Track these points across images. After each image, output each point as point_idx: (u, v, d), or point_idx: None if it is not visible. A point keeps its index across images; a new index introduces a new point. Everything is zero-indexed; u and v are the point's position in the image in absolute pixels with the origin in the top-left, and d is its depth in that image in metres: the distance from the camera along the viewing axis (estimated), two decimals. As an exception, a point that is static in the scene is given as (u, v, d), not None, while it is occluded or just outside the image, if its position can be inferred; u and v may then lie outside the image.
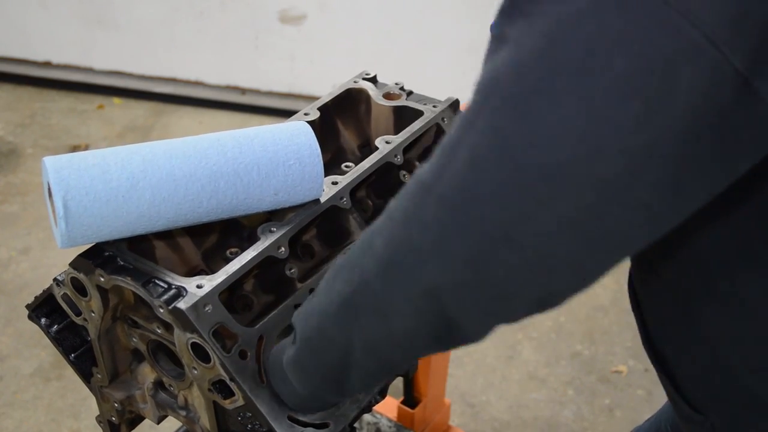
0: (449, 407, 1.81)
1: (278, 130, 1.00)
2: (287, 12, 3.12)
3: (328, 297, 0.78)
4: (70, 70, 3.44)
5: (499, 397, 2.17)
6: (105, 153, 0.91)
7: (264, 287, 1.04)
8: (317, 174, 1.00)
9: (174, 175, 0.92)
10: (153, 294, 0.89)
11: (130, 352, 1.07)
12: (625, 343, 2.32)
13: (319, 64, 3.19)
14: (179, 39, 3.27)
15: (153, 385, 1.07)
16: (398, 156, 1.13)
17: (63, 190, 0.86)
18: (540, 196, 0.59)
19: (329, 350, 0.79)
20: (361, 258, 0.72)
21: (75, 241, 0.90)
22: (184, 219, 0.95)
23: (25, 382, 2.17)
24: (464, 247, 0.63)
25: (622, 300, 2.43)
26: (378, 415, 1.71)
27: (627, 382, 2.21)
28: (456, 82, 2.97)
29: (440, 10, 2.93)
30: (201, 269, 1.08)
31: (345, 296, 0.75)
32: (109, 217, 0.89)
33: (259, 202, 0.98)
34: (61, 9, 3.29)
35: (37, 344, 2.26)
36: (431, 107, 1.22)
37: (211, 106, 3.39)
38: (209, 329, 0.88)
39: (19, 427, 2.06)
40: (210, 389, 0.93)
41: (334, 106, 1.26)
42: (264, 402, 0.90)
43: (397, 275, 0.68)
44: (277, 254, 0.97)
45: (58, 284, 1.01)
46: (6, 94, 3.46)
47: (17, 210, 2.80)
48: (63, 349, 1.11)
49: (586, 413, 2.13)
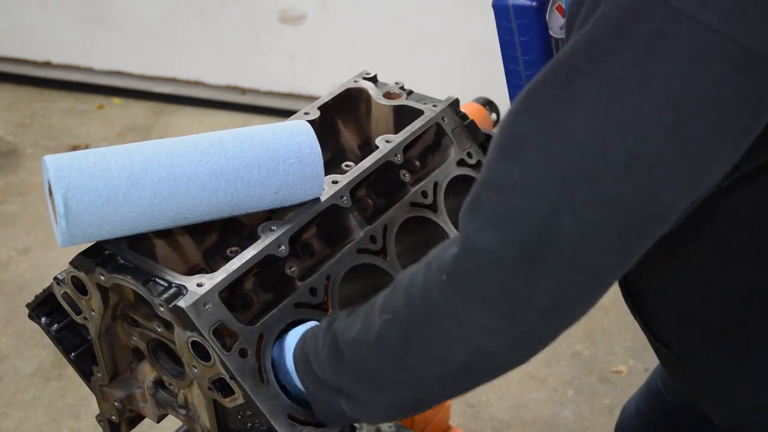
0: (449, 407, 1.80)
1: (279, 129, 1.00)
2: (287, 12, 3.12)
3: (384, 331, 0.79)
4: (70, 70, 3.44)
5: (499, 397, 2.17)
6: (105, 152, 0.91)
7: (264, 286, 1.04)
8: (317, 173, 1.00)
9: (174, 174, 0.92)
10: (153, 292, 0.89)
11: (131, 350, 1.07)
12: (625, 343, 2.32)
13: (319, 64, 3.19)
14: (179, 39, 3.27)
15: (153, 383, 1.07)
16: (398, 155, 1.13)
17: (64, 189, 0.86)
18: (650, 238, 0.69)
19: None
20: (459, 334, 0.73)
21: (75, 240, 0.90)
22: (184, 217, 0.95)
23: (25, 382, 2.17)
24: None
25: (622, 300, 2.42)
26: (378, 415, 1.71)
27: (627, 382, 2.21)
28: (456, 82, 2.98)
29: (440, 10, 2.93)
30: (201, 268, 1.08)
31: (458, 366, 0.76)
32: (109, 215, 0.89)
33: (260, 201, 0.98)
34: (61, 9, 3.29)
35: (37, 344, 2.26)
36: (431, 107, 1.22)
37: (211, 106, 3.39)
38: (209, 328, 0.88)
39: (19, 427, 2.06)
40: (210, 388, 0.93)
41: (334, 106, 1.26)
42: (264, 400, 0.90)
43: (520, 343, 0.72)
44: (277, 253, 0.97)
45: (59, 283, 1.01)
46: (6, 94, 3.46)
47: (17, 210, 2.80)
48: (63, 348, 1.11)
49: (586, 413, 2.13)
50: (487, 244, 0.68)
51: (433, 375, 0.76)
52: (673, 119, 0.62)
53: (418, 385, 0.78)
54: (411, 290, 0.75)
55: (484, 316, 0.70)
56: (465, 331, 0.72)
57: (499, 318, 0.69)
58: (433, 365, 0.75)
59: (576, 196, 0.65)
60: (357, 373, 0.81)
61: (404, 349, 0.76)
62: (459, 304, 0.71)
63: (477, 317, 0.70)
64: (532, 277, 0.67)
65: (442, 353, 0.74)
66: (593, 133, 0.64)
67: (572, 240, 0.65)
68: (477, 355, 0.72)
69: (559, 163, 0.65)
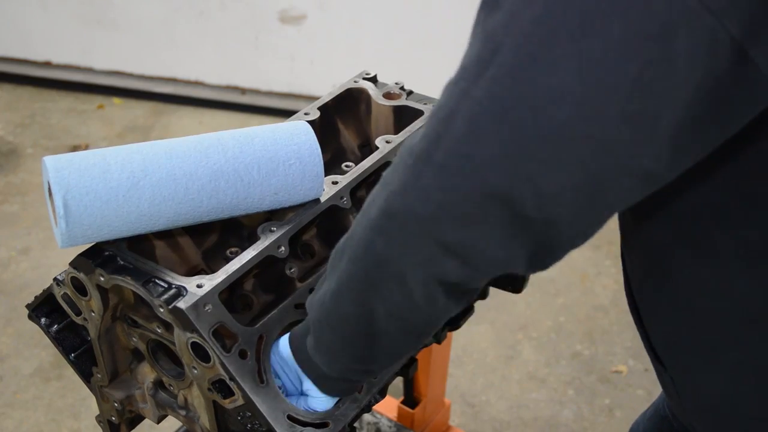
0: (449, 407, 1.81)
1: (279, 130, 1.00)
2: (287, 12, 3.12)
3: (338, 277, 0.80)
4: (70, 70, 3.44)
5: (499, 397, 2.17)
6: (105, 152, 0.91)
7: (264, 287, 1.04)
8: (317, 174, 1.00)
9: (174, 175, 0.92)
10: (153, 293, 0.89)
11: (130, 351, 1.07)
12: (625, 343, 2.32)
13: (319, 64, 3.19)
14: (179, 39, 3.27)
15: (153, 384, 1.07)
16: (398, 156, 1.13)
17: (63, 190, 0.86)
18: (540, 158, 0.61)
19: (351, 325, 0.81)
20: (364, 232, 0.74)
21: (75, 241, 0.90)
22: (184, 218, 0.95)
23: (25, 382, 2.17)
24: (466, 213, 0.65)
25: (622, 300, 2.43)
26: (378, 415, 1.71)
27: (627, 382, 2.21)
28: (456, 82, 2.97)
29: (440, 10, 2.93)
30: (201, 269, 1.08)
31: (355, 271, 0.77)
32: (109, 216, 0.89)
33: (260, 202, 0.98)
34: (61, 9, 3.29)
35: (37, 344, 2.26)
36: (431, 107, 1.22)
37: (211, 106, 3.39)
38: (209, 329, 0.88)
39: (19, 427, 2.06)
40: (210, 389, 0.93)
41: (334, 106, 1.26)
42: (263, 401, 0.90)
43: (403, 244, 0.70)
44: (277, 254, 0.97)
45: (58, 284, 1.01)
46: (6, 94, 3.46)
47: (17, 210, 2.80)
48: (63, 349, 1.11)
49: (586, 413, 2.13)
50: (414, 140, 0.69)
51: (347, 281, 0.78)
52: (576, 24, 0.57)
53: (338, 296, 0.80)
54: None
55: (380, 211, 0.71)
56: (367, 227, 0.73)
57: (388, 216, 0.70)
58: (347, 269, 0.78)
59: (473, 96, 0.63)
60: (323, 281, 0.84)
61: (342, 248, 0.79)
62: (375, 195, 0.74)
63: (376, 211, 0.72)
64: (420, 177, 0.67)
65: (354, 251, 0.76)
66: (503, 34, 0.61)
67: (459, 142, 0.64)
68: (374, 260, 0.74)
69: (471, 63, 0.63)
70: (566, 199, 0.63)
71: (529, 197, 0.63)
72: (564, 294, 2.46)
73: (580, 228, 0.67)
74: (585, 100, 0.59)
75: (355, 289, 0.78)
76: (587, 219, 0.66)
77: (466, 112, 0.63)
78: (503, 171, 0.62)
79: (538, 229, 0.65)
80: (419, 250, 0.70)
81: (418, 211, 0.68)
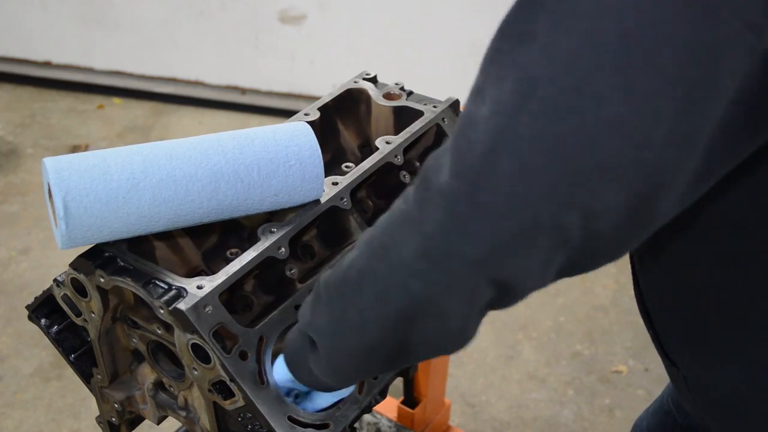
0: (449, 407, 1.81)
1: (279, 131, 1.00)
2: (287, 12, 3.12)
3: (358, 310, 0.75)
4: (70, 70, 3.44)
5: (499, 397, 2.17)
6: (105, 154, 0.91)
7: (264, 288, 1.04)
8: (317, 175, 1.00)
9: (174, 176, 0.92)
10: (153, 295, 0.89)
11: (130, 352, 1.07)
12: (625, 343, 2.32)
13: (319, 64, 3.19)
14: (179, 39, 3.27)
15: (153, 385, 1.07)
16: (398, 156, 1.13)
17: (63, 191, 0.86)
18: (591, 186, 0.61)
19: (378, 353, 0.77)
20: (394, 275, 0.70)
21: (75, 242, 0.90)
22: (184, 220, 0.95)
23: (25, 382, 2.17)
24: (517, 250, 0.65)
25: (622, 300, 2.43)
26: (378, 416, 1.71)
27: (627, 382, 2.21)
28: (456, 82, 2.96)
29: (440, 10, 2.93)
30: (201, 270, 1.08)
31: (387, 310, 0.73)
32: (109, 217, 0.89)
33: (260, 203, 0.98)
34: (61, 9, 3.29)
35: (37, 344, 2.26)
36: (431, 107, 1.22)
37: (211, 106, 3.39)
38: (209, 330, 0.88)
39: (19, 427, 2.06)
40: (210, 390, 0.93)
41: (334, 107, 1.26)
42: (264, 403, 0.90)
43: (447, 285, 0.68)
44: (277, 255, 0.97)
45: (58, 285, 1.01)
46: (6, 94, 3.46)
47: (17, 210, 2.80)
48: (63, 350, 1.11)
49: (586, 413, 2.13)
50: (441, 178, 0.65)
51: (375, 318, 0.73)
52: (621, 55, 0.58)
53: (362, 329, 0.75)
54: (378, 224, 0.74)
55: (417, 254, 0.67)
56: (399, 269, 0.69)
57: (429, 260, 0.66)
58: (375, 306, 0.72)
59: (516, 132, 0.61)
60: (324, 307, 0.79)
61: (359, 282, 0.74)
62: (400, 234, 0.69)
63: (410, 253, 0.67)
64: (466, 219, 0.64)
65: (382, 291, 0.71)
66: (541, 67, 0.60)
67: (507, 180, 0.61)
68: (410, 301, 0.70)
69: (506, 98, 0.62)
70: (610, 220, 0.63)
71: (576, 223, 0.62)
72: (564, 294, 2.46)
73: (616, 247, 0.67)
74: (635, 128, 0.59)
75: (387, 325, 0.74)
76: (625, 237, 0.66)
77: (512, 150, 0.61)
78: (556, 204, 0.62)
79: (577, 251, 0.65)
80: (465, 289, 0.68)
81: (467, 255, 0.65)
